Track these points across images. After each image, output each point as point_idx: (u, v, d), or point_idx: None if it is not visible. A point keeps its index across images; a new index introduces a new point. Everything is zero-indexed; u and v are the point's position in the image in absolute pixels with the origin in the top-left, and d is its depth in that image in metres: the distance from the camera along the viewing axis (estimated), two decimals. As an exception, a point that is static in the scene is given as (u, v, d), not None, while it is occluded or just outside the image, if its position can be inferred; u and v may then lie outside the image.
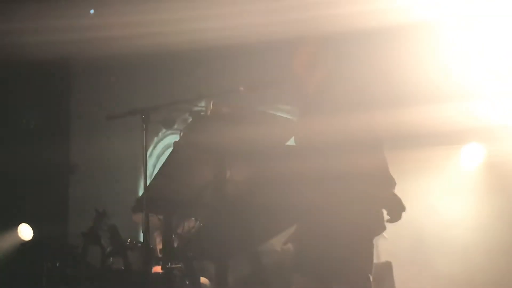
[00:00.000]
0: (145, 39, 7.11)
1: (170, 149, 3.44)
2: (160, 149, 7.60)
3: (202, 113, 3.18)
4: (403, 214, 3.32)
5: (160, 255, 4.04)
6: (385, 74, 5.99)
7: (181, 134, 3.20)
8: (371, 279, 3.33)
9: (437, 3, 6.13)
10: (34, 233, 7.68)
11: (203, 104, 3.33)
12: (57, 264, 5.63)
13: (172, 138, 6.95)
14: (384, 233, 3.93)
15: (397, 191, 3.36)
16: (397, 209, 3.26)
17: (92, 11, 7.81)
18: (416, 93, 5.91)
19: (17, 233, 7.63)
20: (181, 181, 3.50)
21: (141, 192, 3.51)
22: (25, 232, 7.67)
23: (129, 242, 5.55)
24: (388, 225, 3.38)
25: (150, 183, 3.52)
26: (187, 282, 3.94)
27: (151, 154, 7.66)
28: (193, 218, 4.20)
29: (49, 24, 6.97)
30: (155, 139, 7.71)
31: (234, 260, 3.83)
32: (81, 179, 8.35)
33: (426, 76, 6.02)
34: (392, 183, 3.30)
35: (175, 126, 3.63)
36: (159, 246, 4.70)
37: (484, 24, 6.17)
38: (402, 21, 5.89)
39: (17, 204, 7.79)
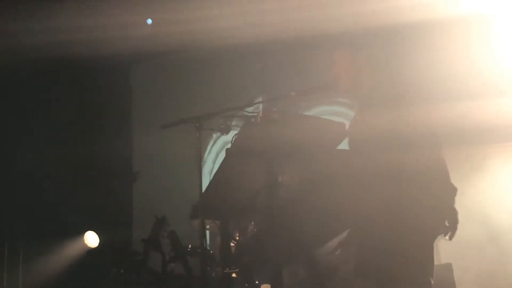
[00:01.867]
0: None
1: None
2: (215, 154, 7.70)
3: (253, 120, 3.21)
4: (466, 213, 3.25)
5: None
6: (438, 69, 5.89)
7: (233, 140, 3.23)
8: (432, 282, 3.28)
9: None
10: (100, 240, 7.86)
11: (254, 110, 3.37)
12: (121, 271, 5.80)
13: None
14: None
15: (461, 189, 3.29)
16: (453, 221, 3.19)
17: (149, 21, 7.97)
18: (470, 88, 5.79)
19: (83, 240, 7.83)
20: (234, 187, 3.53)
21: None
22: (91, 239, 7.87)
23: (190, 248, 5.66)
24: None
25: (205, 190, 3.58)
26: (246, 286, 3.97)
27: (206, 159, 7.78)
28: (250, 223, 4.24)
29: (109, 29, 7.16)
30: (211, 142, 7.82)
31: (290, 264, 3.84)
32: (143, 186, 8.53)
33: (478, 70, 5.89)
34: (451, 188, 3.22)
35: (230, 132, 3.66)
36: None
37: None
38: (452, 14, 5.80)
39: (83, 212, 8.01)
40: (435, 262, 3.34)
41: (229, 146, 3.30)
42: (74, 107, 8.31)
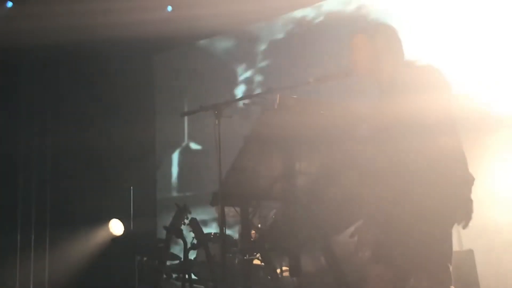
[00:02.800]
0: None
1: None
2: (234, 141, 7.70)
3: (270, 106, 3.21)
4: (490, 201, 3.19)
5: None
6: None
7: (251, 128, 3.24)
8: (451, 268, 3.26)
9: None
10: (125, 228, 7.94)
11: (272, 97, 3.37)
12: (145, 258, 5.86)
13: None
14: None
15: (480, 176, 3.25)
16: (468, 211, 3.15)
17: (169, 8, 7.98)
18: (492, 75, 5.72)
19: (108, 228, 7.92)
20: (253, 175, 3.54)
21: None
22: (116, 227, 7.95)
23: (212, 235, 5.70)
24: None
25: (224, 177, 3.60)
26: (265, 273, 4.00)
27: (225, 146, 7.77)
28: (269, 211, 4.26)
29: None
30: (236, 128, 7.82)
31: (308, 251, 3.85)
32: (167, 174, 8.58)
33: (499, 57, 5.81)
34: (468, 177, 3.19)
35: (249, 119, 3.67)
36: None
37: None
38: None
39: (108, 200, 8.09)
40: (457, 249, 3.31)
41: (247, 133, 3.31)
42: (97, 94, 8.38)
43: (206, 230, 5.49)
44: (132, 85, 8.55)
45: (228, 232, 6.23)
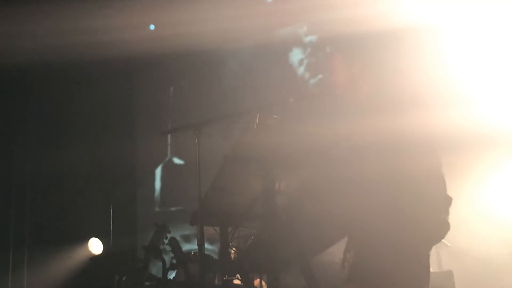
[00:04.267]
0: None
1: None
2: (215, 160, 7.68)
3: (250, 126, 3.21)
4: (469, 219, 3.21)
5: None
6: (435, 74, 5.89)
7: (230, 147, 3.23)
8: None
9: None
10: (103, 247, 7.87)
11: (252, 116, 3.37)
12: (124, 278, 5.80)
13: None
14: (445, 241, 3.83)
15: (458, 195, 3.26)
16: (439, 233, 3.16)
17: (152, 27, 7.99)
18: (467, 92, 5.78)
19: (87, 247, 7.84)
20: (233, 194, 3.53)
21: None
22: (95, 246, 7.87)
23: (192, 254, 5.66)
24: (452, 232, 3.29)
25: (204, 197, 3.59)
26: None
27: (205, 165, 7.75)
28: (249, 230, 4.22)
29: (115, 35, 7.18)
30: (216, 147, 7.81)
31: (288, 271, 3.83)
32: (147, 193, 8.52)
33: (475, 74, 5.89)
34: (445, 198, 3.19)
35: (230, 138, 3.67)
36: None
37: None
38: (447, 18, 5.81)
39: (87, 219, 8.02)
40: (436, 270, 3.31)
41: (227, 152, 3.29)
42: (78, 112, 8.33)
43: (188, 246, 5.45)
44: (113, 103, 8.53)
45: (208, 251, 6.20)
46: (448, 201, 3.16)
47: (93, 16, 6.95)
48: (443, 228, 3.13)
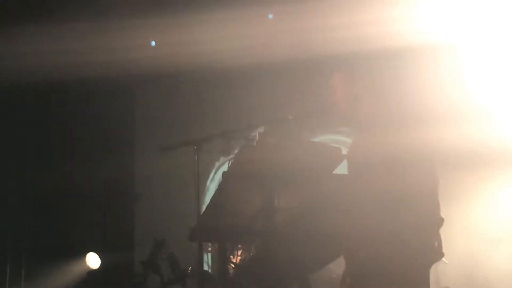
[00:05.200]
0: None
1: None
2: (217, 182, 7.72)
3: (249, 143, 3.23)
4: (467, 237, 3.22)
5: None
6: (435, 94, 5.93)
7: (229, 164, 3.25)
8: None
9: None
10: (101, 261, 7.85)
11: (252, 133, 3.39)
12: (121, 293, 5.81)
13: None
14: (444, 259, 3.84)
15: (456, 215, 3.28)
16: (427, 256, 3.17)
17: (153, 43, 8.04)
18: (465, 112, 5.81)
19: (85, 261, 7.82)
20: (231, 210, 3.54)
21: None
22: (93, 260, 7.86)
23: (190, 270, 5.66)
24: (449, 250, 3.30)
25: (203, 213, 3.60)
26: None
27: (212, 179, 7.79)
28: (248, 247, 4.24)
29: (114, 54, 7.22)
30: (216, 164, 7.84)
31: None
32: (146, 208, 8.52)
33: (474, 95, 5.94)
34: (436, 219, 3.20)
35: (231, 154, 3.68)
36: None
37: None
38: (448, 39, 5.87)
39: (85, 233, 8.01)
40: (434, 286, 3.32)
41: (226, 169, 3.31)
42: (77, 128, 8.36)
43: (187, 262, 5.45)
44: (112, 118, 8.55)
45: (209, 267, 6.21)
46: (438, 223, 3.18)
47: (93, 34, 7.00)
48: (433, 253, 3.16)
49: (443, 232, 3.19)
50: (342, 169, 3.41)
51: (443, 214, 3.19)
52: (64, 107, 8.30)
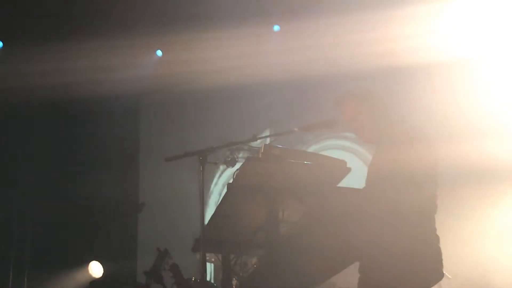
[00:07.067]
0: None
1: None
2: (221, 186, 7.73)
3: (254, 155, 3.24)
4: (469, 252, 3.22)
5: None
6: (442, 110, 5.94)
7: (234, 176, 3.25)
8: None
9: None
10: (104, 270, 7.84)
11: (257, 145, 3.40)
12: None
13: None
14: (446, 273, 3.84)
15: (459, 229, 3.29)
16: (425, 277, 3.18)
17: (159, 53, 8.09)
18: (473, 127, 5.81)
19: (88, 270, 7.81)
20: (236, 222, 3.55)
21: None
22: (96, 269, 7.85)
23: (193, 281, 5.65)
24: (453, 263, 3.30)
25: (207, 224, 3.60)
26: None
27: (212, 191, 7.81)
28: (251, 258, 4.23)
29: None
30: (217, 174, 7.86)
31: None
32: (149, 218, 8.53)
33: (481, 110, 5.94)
34: (432, 236, 3.21)
35: (236, 165, 3.68)
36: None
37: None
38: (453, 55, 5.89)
39: (88, 243, 8.02)
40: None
41: (231, 181, 3.32)
42: (82, 140, 8.39)
43: (190, 272, 5.45)
44: (117, 127, 8.58)
45: (212, 278, 6.19)
46: (431, 241, 3.19)
47: (97, 49, 7.06)
48: (432, 274, 3.17)
49: (446, 246, 3.21)
50: (346, 182, 3.42)
51: (448, 227, 3.20)
52: (70, 119, 8.35)
